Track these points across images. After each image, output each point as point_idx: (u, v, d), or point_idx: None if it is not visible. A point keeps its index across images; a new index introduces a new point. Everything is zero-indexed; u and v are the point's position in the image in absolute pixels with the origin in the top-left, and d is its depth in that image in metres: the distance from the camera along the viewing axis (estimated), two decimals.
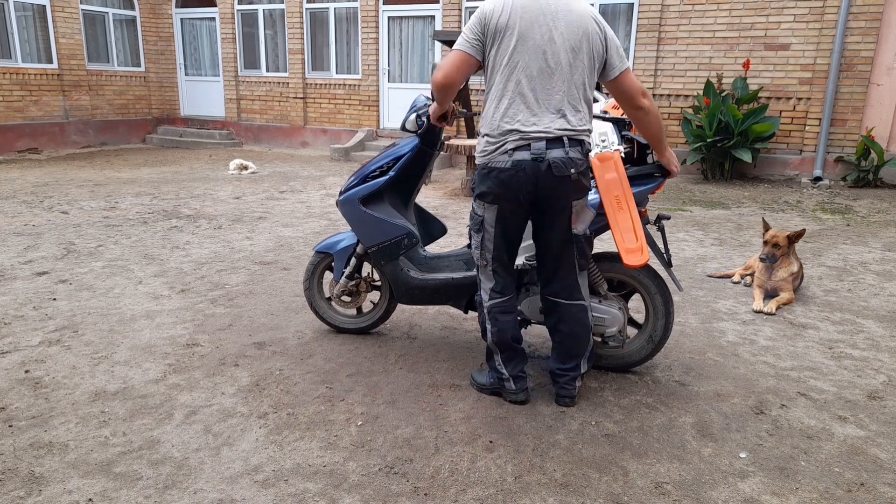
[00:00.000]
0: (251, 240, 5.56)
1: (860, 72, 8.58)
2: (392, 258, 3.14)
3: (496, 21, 2.41)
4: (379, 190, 3.12)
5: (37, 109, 11.47)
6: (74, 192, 7.65)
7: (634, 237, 2.61)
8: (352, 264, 3.33)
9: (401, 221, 3.13)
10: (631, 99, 2.55)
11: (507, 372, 2.74)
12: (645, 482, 2.24)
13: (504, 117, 2.45)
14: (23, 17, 11.22)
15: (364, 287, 3.42)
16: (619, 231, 2.63)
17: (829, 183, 8.71)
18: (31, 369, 3.04)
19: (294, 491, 2.17)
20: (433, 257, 3.25)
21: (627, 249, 2.61)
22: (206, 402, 2.77)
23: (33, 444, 2.41)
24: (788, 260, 4.15)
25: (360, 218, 3.14)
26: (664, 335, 2.94)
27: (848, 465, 2.35)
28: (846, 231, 6.15)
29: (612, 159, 2.71)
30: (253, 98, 13.13)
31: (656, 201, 7.63)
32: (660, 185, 2.83)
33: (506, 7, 2.41)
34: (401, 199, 3.25)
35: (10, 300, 3.96)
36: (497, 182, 2.48)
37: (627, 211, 2.63)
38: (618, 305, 2.91)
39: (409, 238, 3.10)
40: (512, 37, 2.41)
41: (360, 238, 3.20)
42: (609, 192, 2.66)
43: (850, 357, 3.31)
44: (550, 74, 2.42)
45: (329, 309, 3.53)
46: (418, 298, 3.19)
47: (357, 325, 3.52)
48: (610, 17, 10.02)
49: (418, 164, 3.12)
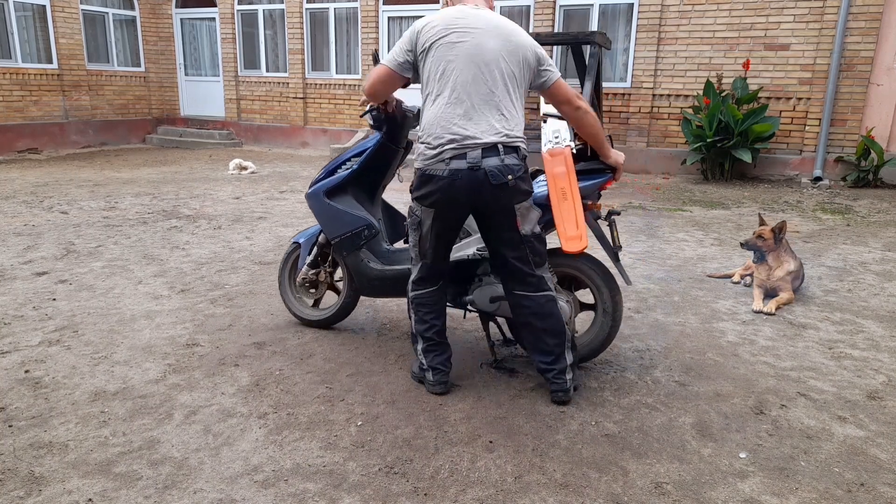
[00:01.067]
0: (251, 240, 5.56)
1: (860, 72, 8.58)
2: (353, 249, 3.24)
3: (428, 34, 2.55)
4: (343, 183, 3.26)
5: (37, 109, 11.47)
6: (74, 193, 7.65)
7: (575, 226, 2.71)
8: (313, 253, 3.42)
9: (362, 213, 3.23)
10: (569, 102, 2.69)
11: (426, 362, 2.84)
12: (645, 482, 2.24)
13: (440, 125, 2.53)
14: (23, 17, 11.22)
15: (325, 277, 3.50)
16: (562, 220, 2.73)
17: (829, 183, 8.71)
18: (31, 369, 3.04)
19: (294, 491, 2.17)
20: (395, 251, 3.35)
21: (568, 237, 2.71)
22: (206, 402, 2.77)
23: (33, 444, 2.41)
24: (783, 258, 4.14)
25: (324, 210, 3.27)
26: (613, 328, 3.00)
27: (848, 466, 2.35)
28: (846, 231, 6.15)
29: (563, 154, 2.84)
30: (253, 98, 13.13)
31: (657, 200, 7.64)
32: (608, 180, 2.90)
33: (438, 21, 2.55)
34: (366, 194, 3.36)
35: (10, 300, 3.96)
36: (434, 189, 2.57)
37: (571, 202, 2.74)
38: (566, 299, 2.98)
39: (370, 229, 3.20)
40: (445, 47, 2.52)
41: (324, 229, 3.32)
42: (556, 184, 2.77)
43: (850, 357, 3.31)
44: (483, 82, 2.52)
45: (296, 301, 3.63)
46: (378, 290, 3.29)
47: (320, 317, 3.58)
48: (610, 18, 10.03)
49: (382, 159, 3.25)
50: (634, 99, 9.89)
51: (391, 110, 3.09)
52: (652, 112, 9.85)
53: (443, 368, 2.85)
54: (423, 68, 2.60)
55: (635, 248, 5.43)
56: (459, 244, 3.00)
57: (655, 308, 3.99)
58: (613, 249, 2.94)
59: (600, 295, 2.97)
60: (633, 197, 7.93)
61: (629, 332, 3.59)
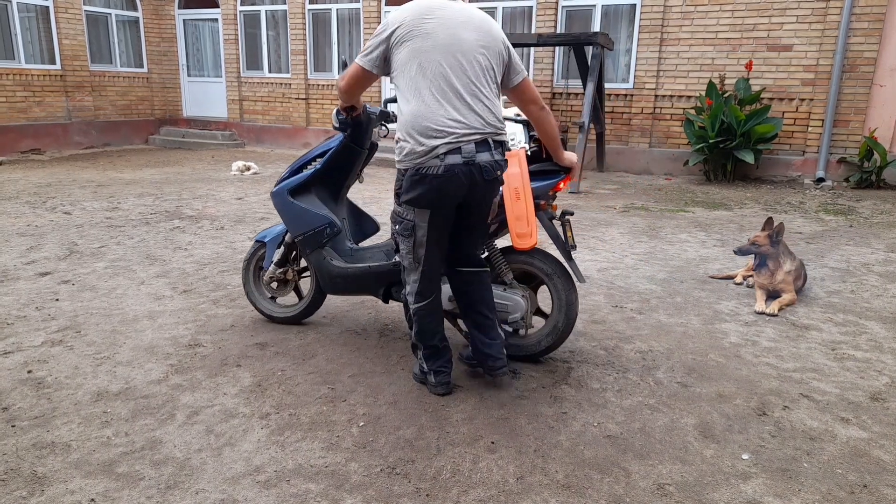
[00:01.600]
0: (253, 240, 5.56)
1: (863, 73, 8.56)
2: (316, 247, 3.27)
3: (401, 27, 2.46)
4: (306, 182, 3.30)
5: (40, 110, 11.50)
6: (77, 193, 7.66)
7: (526, 223, 2.83)
8: (279, 252, 3.46)
9: (324, 212, 3.26)
10: (536, 101, 2.74)
11: (427, 366, 2.86)
12: (647, 483, 2.23)
13: (429, 120, 2.44)
14: (26, 18, 11.25)
15: (292, 276, 3.53)
16: (514, 218, 2.84)
17: (831, 184, 8.70)
18: (34, 369, 3.04)
19: (296, 491, 2.17)
20: (358, 249, 3.40)
21: (518, 234, 2.85)
22: (209, 402, 2.77)
23: (36, 444, 2.42)
24: (782, 260, 4.13)
25: (287, 208, 3.31)
26: (567, 325, 3.04)
27: (851, 467, 2.35)
28: (849, 232, 6.14)
29: (517, 156, 2.91)
30: (255, 99, 13.15)
31: (659, 201, 7.63)
32: (562, 180, 2.98)
33: (409, 13, 2.48)
34: (330, 193, 3.40)
35: (13, 300, 3.97)
36: (430, 188, 2.48)
37: (524, 202, 2.84)
38: (521, 293, 3.04)
39: (332, 227, 3.23)
40: (420, 39, 2.43)
41: (288, 227, 3.37)
42: (510, 184, 2.85)
43: (853, 358, 3.30)
44: (465, 74, 2.47)
45: (262, 299, 3.66)
46: (341, 287, 3.33)
47: (286, 314, 3.62)
48: (612, 18, 10.03)
49: (346, 159, 3.29)
50: (637, 100, 9.89)
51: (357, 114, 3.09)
52: (654, 113, 9.84)
53: (445, 370, 2.85)
54: (396, 62, 2.49)
55: (638, 249, 5.43)
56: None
57: (658, 309, 3.98)
58: (567, 248, 2.99)
59: (556, 290, 3.03)
60: (636, 198, 7.92)
61: (631, 332, 3.59)
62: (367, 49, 2.55)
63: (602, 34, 8.52)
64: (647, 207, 7.33)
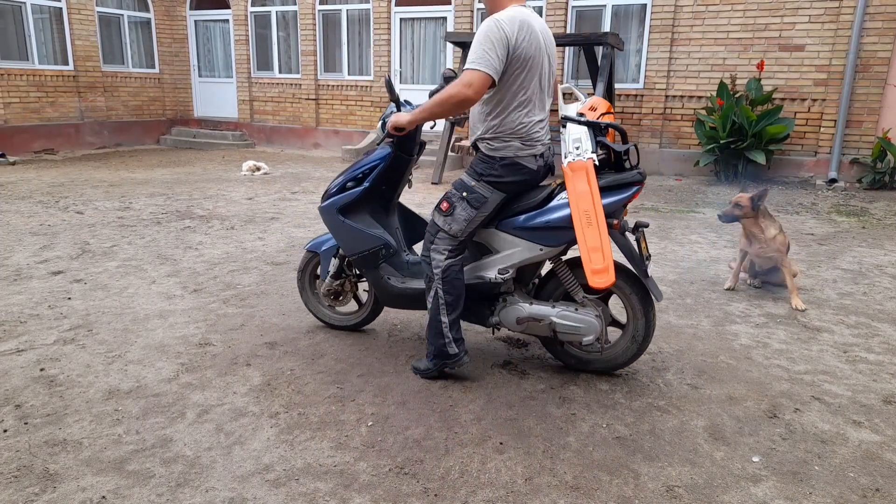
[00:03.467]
0: (263, 240, 5.59)
1: (876, 73, 8.48)
2: (371, 267, 3.17)
3: (520, 44, 2.60)
4: (356, 200, 3.16)
5: (53, 110, 11.60)
6: (89, 193, 7.73)
7: (602, 257, 2.56)
8: (334, 264, 3.39)
9: (378, 232, 3.14)
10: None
11: (452, 334, 2.88)
12: (656, 485, 2.22)
13: (532, 125, 2.75)
14: (40, 19, 11.36)
15: (349, 287, 3.48)
16: (587, 250, 2.59)
17: (844, 185, 8.62)
18: (46, 367, 3.07)
19: (305, 490, 2.17)
20: (416, 262, 3.25)
21: (594, 270, 2.57)
22: (219, 401, 2.78)
23: (48, 442, 2.44)
24: (764, 224, 4.10)
25: (339, 227, 3.18)
26: (646, 336, 2.92)
27: (863, 471, 2.32)
28: (861, 234, 6.09)
29: (585, 169, 2.69)
30: (265, 99, 13.20)
31: (669, 201, 7.59)
32: (634, 194, 2.72)
33: (522, 30, 2.60)
34: (381, 205, 3.29)
35: (26, 299, 4.01)
36: (521, 178, 2.78)
37: (596, 227, 2.59)
38: (595, 313, 2.87)
39: (387, 248, 3.13)
40: (531, 57, 2.64)
41: (341, 246, 3.25)
42: (579, 206, 2.63)
43: (866, 361, 3.28)
44: (549, 83, 2.82)
45: (320, 305, 3.60)
46: (401, 304, 3.24)
47: (346, 322, 3.58)
48: (622, 18, 9.99)
49: (395, 170, 3.17)
50: (647, 100, 9.85)
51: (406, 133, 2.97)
52: (665, 113, 9.79)
53: (462, 338, 2.93)
54: (513, 72, 2.64)
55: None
56: (478, 263, 2.96)
57: (668, 310, 3.96)
58: (643, 266, 2.78)
59: (631, 304, 2.88)
60: (646, 198, 7.89)
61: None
62: (487, 58, 2.55)
63: (612, 34, 8.48)
64: (657, 208, 7.29)
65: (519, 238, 2.84)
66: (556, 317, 2.88)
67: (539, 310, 2.91)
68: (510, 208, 2.86)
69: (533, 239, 2.81)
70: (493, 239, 2.91)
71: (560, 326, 2.88)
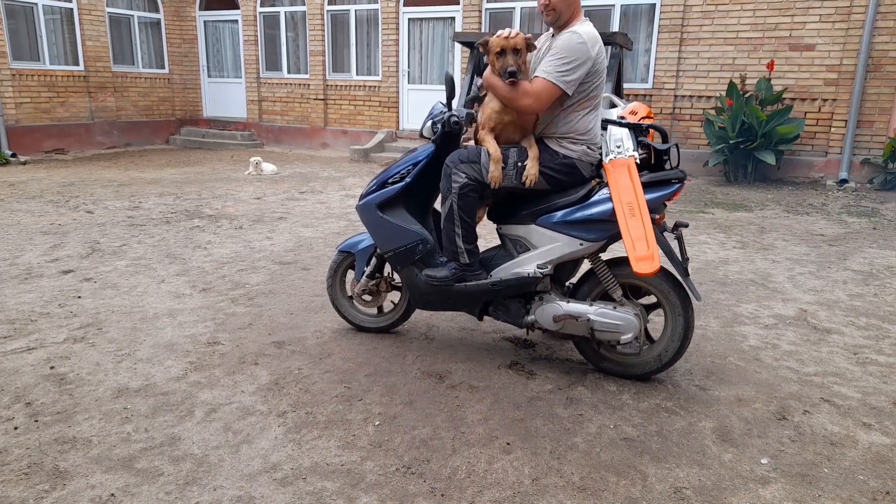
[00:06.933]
0: (271, 240, 5.61)
1: (888, 72, 8.42)
2: (407, 263, 3.16)
3: (599, 62, 2.78)
4: (396, 196, 3.15)
5: (63, 110, 11.69)
6: (99, 192, 7.78)
7: (646, 245, 2.59)
8: (372, 264, 3.38)
9: (416, 227, 3.14)
10: None
11: (464, 246, 2.97)
12: (664, 487, 2.22)
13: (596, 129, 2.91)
14: (51, 20, 11.44)
15: (384, 287, 3.45)
16: (631, 239, 2.62)
17: (854, 185, 8.56)
18: (56, 366, 3.10)
19: (312, 489, 2.18)
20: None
21: (638, 257, 2.59)
22: (227, 399, 2.80)
23: (58, 439, 2.46)
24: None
25: (377, 223, 3.18)
26: (685, 338, 2.86)
27: (873, 473, 2.31)
28: (872, 234, 6.04)
29: (626, 165, 2.75)
30: (274, 99, 13.25)
31: (678, 202, 7.55)
32: (676, 191, 2.79)
33: (599, 46, 2.78)
34: (419, 204, 3.27)
35: (37, 297, 4.04)
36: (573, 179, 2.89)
37: (640, 218, 2.63)
38: (634, 311, 2.85)
39: (424, 244, 3.11)
40: (604, 70, 2.86)
41: (377, 242, 3.25)
42: (621, 199, 2.67)
43: (876, 363, 3.25)
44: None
45: (350, 307, 3.57)
46: (433, 304, 3.21)
47: (377, 324, 3.56)
48: (631, 18, 9.96)
49: (436, 169, 3.14)
50: (656, 100, 9.81)
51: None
52: (674, 113, 9.75)
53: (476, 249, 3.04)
54: (589, 83, 2.79)
55: None
56: (516, 260, 2.97)
57: None
58: (683, 265, 2.81)
59: (670, 305, 2.85)
60: None
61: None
62: (564, 72, 2.72)
63: (621, 34, 8.45)
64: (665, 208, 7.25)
65: (558, 233, 2.85)
66: (594, 314, 2.86)
67: (577, 307, 2.90)
68: (549, 204, 2.88)
69: (573, 233, 2.83)
70: (531, 235, 2.93)
71: (598, 324, 2.85)
